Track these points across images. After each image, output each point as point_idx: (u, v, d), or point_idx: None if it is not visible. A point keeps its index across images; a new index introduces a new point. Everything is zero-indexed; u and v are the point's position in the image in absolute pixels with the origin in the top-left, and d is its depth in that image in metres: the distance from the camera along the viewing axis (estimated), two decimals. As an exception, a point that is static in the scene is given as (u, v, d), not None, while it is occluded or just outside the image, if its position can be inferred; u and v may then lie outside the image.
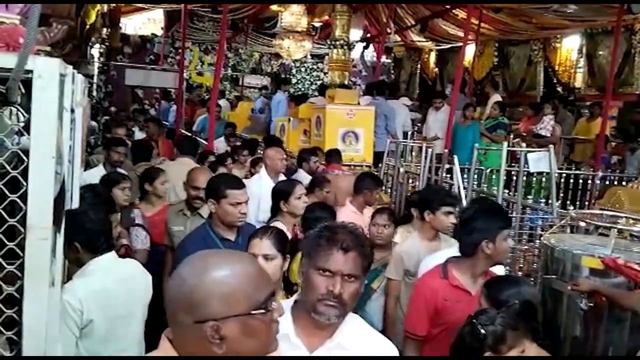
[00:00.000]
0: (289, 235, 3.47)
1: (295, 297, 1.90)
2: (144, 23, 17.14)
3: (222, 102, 13.82)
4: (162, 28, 16.04)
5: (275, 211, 3.87)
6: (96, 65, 15.20)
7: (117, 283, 2.52)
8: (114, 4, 11.99)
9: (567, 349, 3.17)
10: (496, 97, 9.41)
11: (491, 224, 2.67)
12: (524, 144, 8.54)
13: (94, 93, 15.66)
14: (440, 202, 3.56)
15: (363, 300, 3.36)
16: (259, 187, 4.74)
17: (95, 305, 2.38)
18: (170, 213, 4.13)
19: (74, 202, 2.37)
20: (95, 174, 4.62)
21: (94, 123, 10.49)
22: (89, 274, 2.45)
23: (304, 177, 5.60)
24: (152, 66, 14.38)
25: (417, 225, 3.85)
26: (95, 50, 14.65)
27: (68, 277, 2.48)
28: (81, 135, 2.66)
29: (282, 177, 5.09)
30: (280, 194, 3.87)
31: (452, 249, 2.98)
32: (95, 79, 15.75)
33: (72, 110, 2.14)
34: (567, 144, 9.79)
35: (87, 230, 2.45)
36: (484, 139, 8.37)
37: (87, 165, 5.50)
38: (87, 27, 9.22)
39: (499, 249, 2.65)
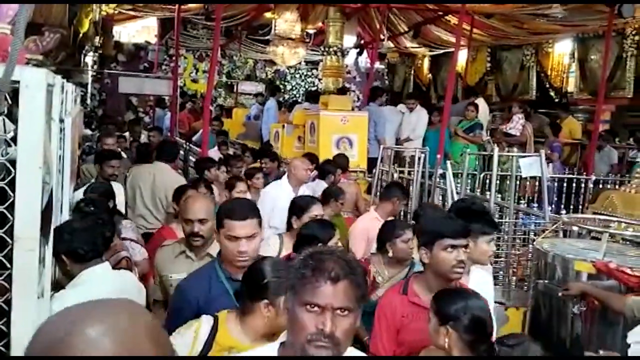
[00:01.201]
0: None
1: (280, 338, 1.69)
2: (137, 31, 17.14)
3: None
4: (155, 36, 16.05)
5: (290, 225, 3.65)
6: (90, 73, 15.19)
7: (109, 294, 2.47)
8: (107, 13, 11.98)
9: (561, 352, 3.17)
10: (479, 101, 9.53)
11: (430, 229, 2.50)
12: (495, 144, 8.61)
13: (88, 101, 15.65)
14: None
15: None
16: (276, 193, 4.77)
17: None
18: (162, 257, 3.11)
19: (64, 212, 2.36)
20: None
21: (88, 131, 10.46)
22: (80, 284, 2.44)
23: (323, 187, 5.40)
24: (146, 74, 14.37)
25: None
26: (89, 59, 14.63)
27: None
28: (72, 144, 2.66)
29: (303, 188, 5.02)
30: (294, 209, 3.66)
31: (480, 269, 2.77)
32: (89, 87, 15.75)
33: (62, 120, 2.14)
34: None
35: (68, 240, 2.43)
36: (462, 140, 8.40)
37: (78, 175, 5.43)
38: (81, 35, 9.21)
39: (437, 258, 2.41)
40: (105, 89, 16.00)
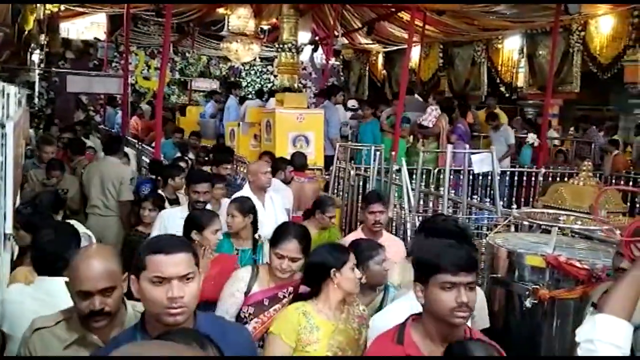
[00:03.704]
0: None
1: None
2: (86, 27, 16.68)
3: (144, 107, 13.61)
4: (105, 32, 15.65)
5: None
6: (37, 72, 14.70)
7: (38, 303, 2.29)
8: (52, 12, 11.62)
9: (514, 345, 3.24)
10: (415, 97, 9.74)
11: (424, 260, 2.04)
12: (410, 136, 8.81)
13: (36, 100, 15.16)
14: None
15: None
16: None
17: (7, 317, 2.29)
18: (40, 348, 2.01)
19: (7, 219, 2.27)
20: (178, 215, 3.97)
21: (32, 132, 10.12)
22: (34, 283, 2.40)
23: (279, 186, 5.24)
24: (96, 72, 14.02)
25: None
26: (36, 57, 14.17)
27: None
28: (15, 149, 2.55)
29: (270, 194, 4.59)
30: (192, 225, 3.36)
31: None
32: (36, 86, 15.25)
33: (2, 125, 2.05)
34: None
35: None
36: (389, 135, 8.49)
37: (26, 181, 5.28)
38: (26, 33, 8.90)
39: (432, 298, 1.95)
40: (53, 88, 15.54)
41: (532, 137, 9.00)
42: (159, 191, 5.18)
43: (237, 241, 3.64)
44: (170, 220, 4.02)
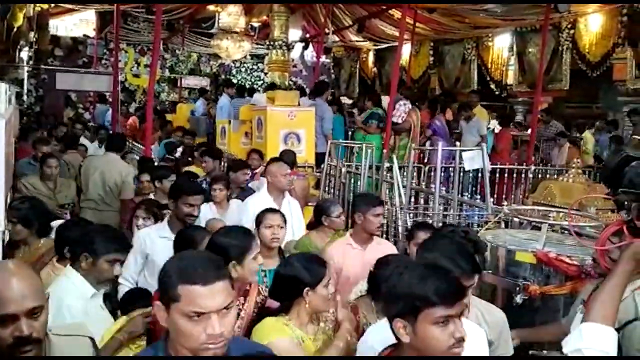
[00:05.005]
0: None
1: None
2: (75, 24, 16.58)
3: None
4: (94, 29, 15.56)
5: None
6: (25, 69, 14.60)
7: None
8: (42, 9, 11.52)
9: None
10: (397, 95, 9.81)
11: (408, 292, 1.67)
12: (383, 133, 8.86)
13: (25, 98, 15.06)
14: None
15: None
16: (257, 208, 3.70)
17: None
18: None
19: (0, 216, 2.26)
20: (155, 234, 3.53)
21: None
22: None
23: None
24: (85, 69, 13.93)
25: None
26: (24, 54, 14.06)
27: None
28: (7, 147, 2.54)
29: (288, 198, 4.36)
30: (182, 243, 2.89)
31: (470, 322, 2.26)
32: (25, 84, 15.15)
33: (-6, 124, 2.05)
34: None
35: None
36: (360, 131, 8.57)
37: (17, 190, 5.24)
38: (15, 30, 8.82)
39: (424, 336, 1.64)
40: (42, 85, 15.44)
41: (493, 124, 9.04)
42: (151, 195, 4.88)
43: (263, 260, 2.86)
44: (149, 243, 3.47)
